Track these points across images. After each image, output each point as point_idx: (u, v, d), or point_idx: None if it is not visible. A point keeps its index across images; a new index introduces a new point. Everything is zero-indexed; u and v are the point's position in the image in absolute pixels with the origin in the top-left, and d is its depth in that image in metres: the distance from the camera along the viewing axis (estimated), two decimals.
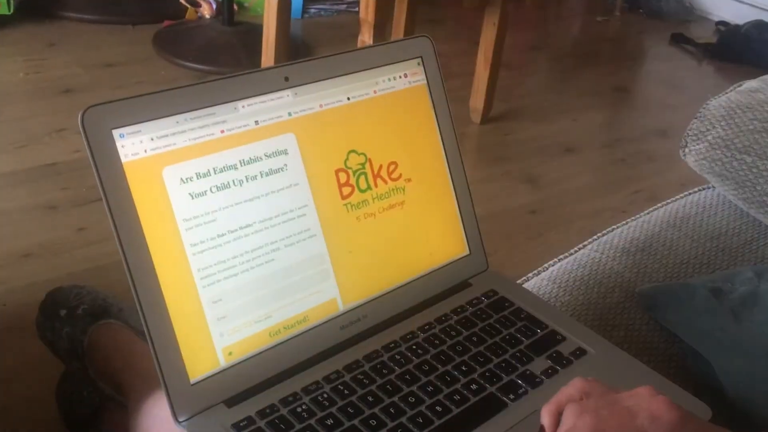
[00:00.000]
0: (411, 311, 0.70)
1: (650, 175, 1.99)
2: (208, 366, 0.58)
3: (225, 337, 0.59)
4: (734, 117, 0.93)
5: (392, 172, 0.69)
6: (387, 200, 0.69)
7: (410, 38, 0.72)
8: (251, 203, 0.61)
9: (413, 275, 0.71)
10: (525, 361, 0.66)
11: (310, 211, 0.64)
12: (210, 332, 0.59)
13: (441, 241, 0.73)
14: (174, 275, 0.57)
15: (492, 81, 2.03)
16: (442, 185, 0.73)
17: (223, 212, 0.59)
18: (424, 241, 0.72)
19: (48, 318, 1.00)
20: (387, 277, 0.69)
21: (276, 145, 0.62)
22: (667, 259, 0.88)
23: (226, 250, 0.59)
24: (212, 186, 0.59)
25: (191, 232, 0.58)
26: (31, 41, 2.16)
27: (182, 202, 0.57)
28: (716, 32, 3.04)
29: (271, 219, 0.62)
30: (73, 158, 1.65)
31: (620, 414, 0.49)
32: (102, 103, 0.55)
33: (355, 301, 0.66)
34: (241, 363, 0.60)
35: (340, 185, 0.66)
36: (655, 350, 0.77)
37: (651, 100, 2.53)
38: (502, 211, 1.73)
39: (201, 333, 0.58)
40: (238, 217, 0.60)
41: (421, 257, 0.71)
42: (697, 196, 1.01)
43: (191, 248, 0.58)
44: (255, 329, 0.61)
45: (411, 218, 0.71)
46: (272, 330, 0.62)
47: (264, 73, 0.63)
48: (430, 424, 0.58)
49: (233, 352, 0.59)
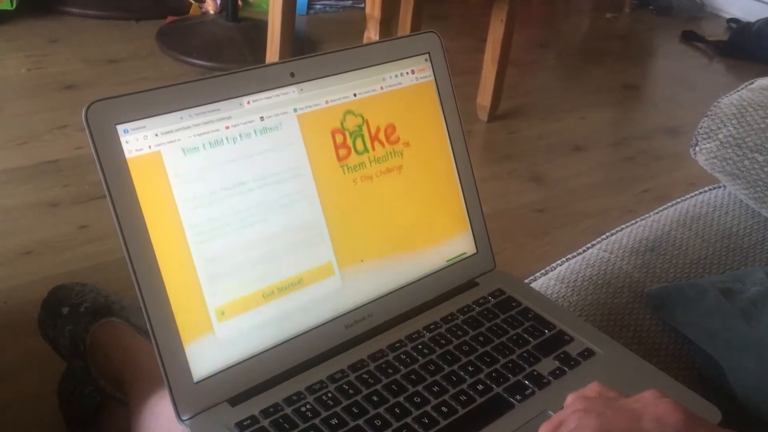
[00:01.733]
0: (417, 310, 0.70)
1: (659, 174, 1.98)
2: (201, 330, 0.58)
3: (217, 297, 0.59)
4: (746, 115, 0.93)
5: (390, 135, 0.69)
6: (384, 164, 0.68)
7: (418, 34, 0.72)
8: (244, 161, 0.61)
9: (415, 253, 0.70)
10: (532, 361, 0.66)
11: (305, 171, 0.64)
12: (206, 302, 0.58)
13: (442, 220, 0.73)
14: (178, 271, 0.57)
15: (499, 78, 2.03)
16: (449, 182, 0.73)
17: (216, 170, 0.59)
18: (423, 216, 0.71)
19: (50, 315, 1.00)
20: (385, 246, 0.68)
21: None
22: (677, 259, 0.88)
23: (218, 209, 0.59)
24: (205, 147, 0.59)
25: (195, 230, 0.58)
26: (34, 37, 2.17)
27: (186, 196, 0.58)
28: (727, 29, 3.03)
29: (265, 178, 0.61)
30: (75, 155, 1.66)
31: (625, 416, 0.49)
32: (106, 98, 0.55)
33: (351, 265, 0.66)
34: (245, 361, 0.60)
35: (336, 146, 0.65)
36: (664, 351, 0.77)
37: (661, 98, 2.53)
38: (508, 209, 1.73)
39: (200, 316, 0.58)
40: (230, 175, 0.60)
41: (420, 231, 0.71)
42: (707, 196, 1.01)
43: (195, 244, 0.58)
44: (248, 290, 0.60)
45: (410, 188, 0.70)
46: (266, 291, 0.61)
47: (269, 68, 0.63)
48: (436, 424, 0.58)
49: (226, 312, 0.59)
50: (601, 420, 0.49)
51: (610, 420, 0.49)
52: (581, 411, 0.50)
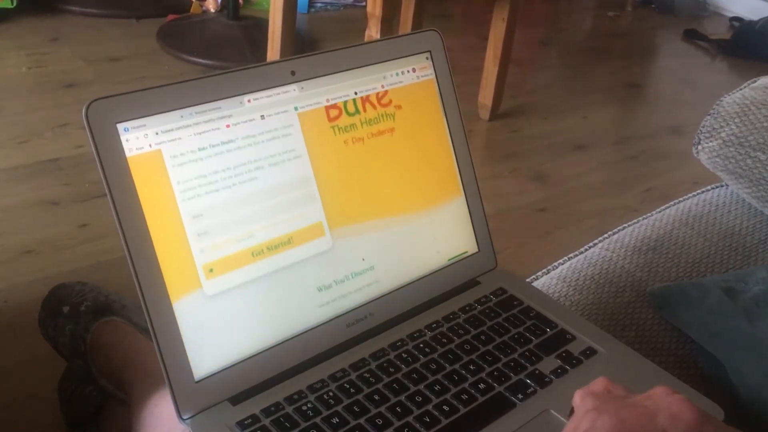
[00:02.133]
0: (418, 309, 0.70)
1: (662, 173, 1.98)
2: (188, 287, 0.58)
3: (206, 254, 0.59)
4: (748, 114, 0.93)
5: (381, 98, 0.69)
6: (376, 126, 0.68)
7: (419, 32, 0.72)
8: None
9: (407, 218, 0.70)
10: (534, 360, 0.66)
11: (295, 131, 0.63)
12: (194, 260, 0.58)
13: (435, 183, 0.72)
14: (179, 270, 0.57)
15: (501, 77, 2.03)
16: (450, 182, 0.73)
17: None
18: (417, 181, 0.71)
19: (50, 315, 1.01)
20: (376, 209, 0.68)
21: None
22: (680, 259, 0.88)
23: (207, 165, 0.59)
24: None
25: (197, 226, 0.58)
26: (34, 35, 2.17)
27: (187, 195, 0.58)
28: (730, 28, 3.03)
29: (254, 136, 0.61)
30: (76, 153, 1.66)
31: (640, 414, 0.49)
32: (106, 97, 0.55)
33: (342, 227, 0.65)
34: (247, 360, 0.60)
35: (327, 108, 0.65)
36: (667, 350, 0.77)
37: (663, 96, 2.52)
38: (510, 208, 1.73)
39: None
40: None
41: (413, 197, 0.70)
42: (710, 195, 1.01)
43: (196, 243, 0.58)
44: (237, 247, 0.60)
45: (402, 151, 0.70)
46: (255, 250, 0.61)
47: (270, 67, 0.63)
48: (437, 423, 0.58)
49: (214, 269, 0.59)
50: (616, 419, 0.49)
51: (625, 419, 0.49)
52: (594, 411, 0.50)
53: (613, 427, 0.48)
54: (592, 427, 0.49)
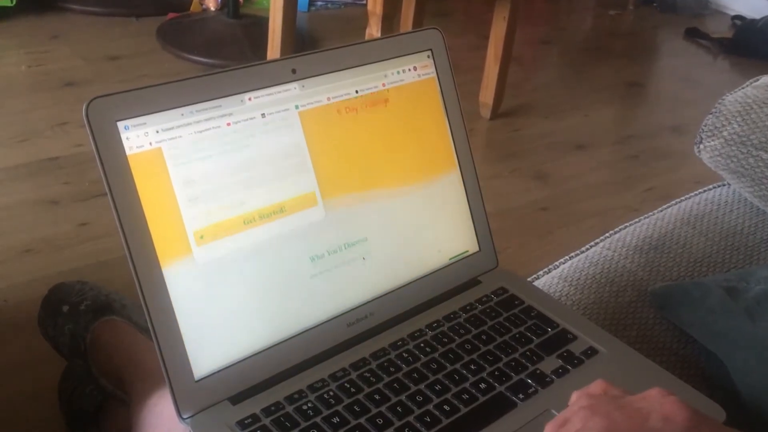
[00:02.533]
0: (419, 309, 0.70)
1: (663, 173, 1.98)
2: (179, 252, 0.57)
3: (197, 220, 0.58)
4: (750, 113, 0.93)
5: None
6: (370, 96, 0.68)
7: (420, 30, 0.72)
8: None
9: (400, 191, 0.70)
10: (535, 360, 0.66)
11: (295, 124, 0.63)
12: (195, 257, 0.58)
13: (431, 155, 0.72)
14: (179, 268, 0.57)
15: (502, 76, 2.03)
16: (451, 181, 0.73)
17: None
18: (411, 154, 0.71)
19: (50, 314, 1.01)
20: (369, 181, 0.68)
21: None
22: (681, 258, 0.88)
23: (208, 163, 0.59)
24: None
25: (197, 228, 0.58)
26: (34, 33, 2.17)
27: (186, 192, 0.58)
28: (732, 27, 3.03)
29: (254, 131, 0.61)
30: (76, 152, 1.66)
31: (632, 415, 0.49)
32: (107, 95, 0.55)
33: (334, 197, 0.65)
34: (247, 359, 0.60)
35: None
36: (668, 350, 0.77)
37: (664, 95, 2.52)
38: (511, 208, 1.73)
39: None
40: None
41: (407, 169, 0.70)
42: (711, 194, 1.01)
43: (195, 239, 0.58)
44: (228, 214, 0.60)
45: (401, 140, 0.70)
46: (247, 217, 0.61)
47: (271, 65, 0.63)
48: (438, 423, 0.58)
49: (204, 236, 0.59)
50: (607, 421, 0.49)
51: (616, 420, 0.49)
52: (587, 409, 0.50)
53: (605, 428, 0.48)
54: (584, 427, 0.49)
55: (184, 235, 0.58)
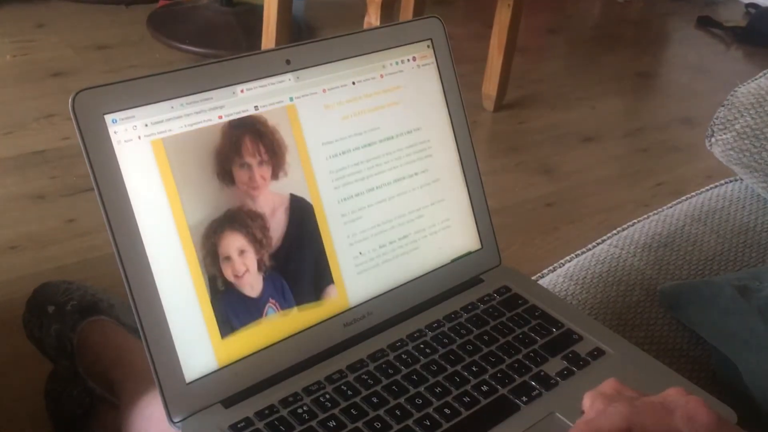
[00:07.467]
0: (419, 308, 0.70)
1: (674, 166, 1.99)
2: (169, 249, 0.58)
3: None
4: (764, 105, 0.93)
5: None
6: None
7: (420, 19, 0.72)
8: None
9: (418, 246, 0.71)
10: (539, 361, 0.66)
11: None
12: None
13: (431, 149, 0.72)
14: (168, 267, 0.57)
15: (506, 66, 2.03)
16: (452, 176, 0.73)
17: None
18: (410, 148, 0.71)
19: (35, 315, 1.01)
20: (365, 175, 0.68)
21: None
22: (691, 256, 0.88)
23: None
24: None
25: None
26: (19, 22, 2.17)
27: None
28: (746, 15, 3.03)
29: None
30: (63, 145, 1.66)
31: (656, 408, 0.49)
32: (94, 87, 0.55)
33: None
34: (239, 361, 0.60)
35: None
36: (678, 351, 0.77)
37: (675, 86, 2.53)
38: (516, 203, 1.73)
39: (198, 332, 0.58)
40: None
41: (406, 164, 0.70)
42: (723, 189, 1.01)
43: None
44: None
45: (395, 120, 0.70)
46: None
47: (264, 55, 0.63)
48: (438, 427, 0.59)
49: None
50: (631, 408, 0.49)
51: (641, 410, 0.49)
52: (606, 399, 0.50)
53: (628, 414, 0.48)
54: (604, 411, 0.49)
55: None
